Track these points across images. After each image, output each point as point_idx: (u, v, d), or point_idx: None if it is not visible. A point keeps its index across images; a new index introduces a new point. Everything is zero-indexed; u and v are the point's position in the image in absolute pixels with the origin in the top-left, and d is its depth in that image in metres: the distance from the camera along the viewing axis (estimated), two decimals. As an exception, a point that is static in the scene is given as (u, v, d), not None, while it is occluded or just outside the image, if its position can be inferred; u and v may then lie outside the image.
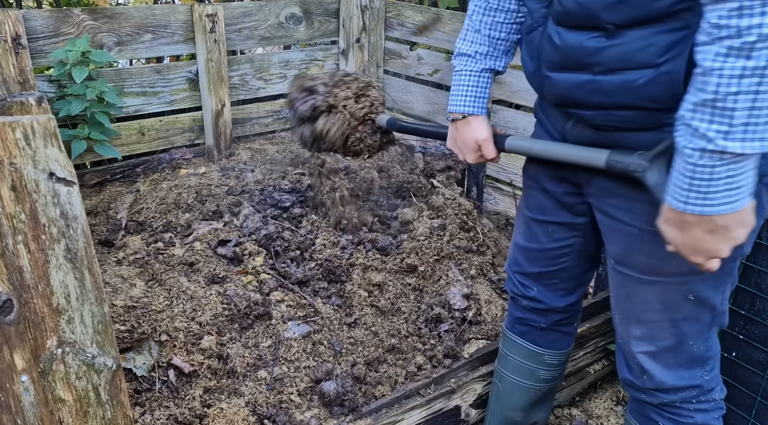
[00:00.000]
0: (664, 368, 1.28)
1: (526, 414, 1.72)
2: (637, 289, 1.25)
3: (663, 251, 1.15)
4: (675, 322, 1.23)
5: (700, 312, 1.22)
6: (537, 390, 1.67)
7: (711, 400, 1.32)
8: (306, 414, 1.65)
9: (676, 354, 1.27)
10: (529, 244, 1.51)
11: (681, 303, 1.21)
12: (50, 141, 0.85)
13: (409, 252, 2.18)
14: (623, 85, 1.08)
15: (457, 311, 2.03)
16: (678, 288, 1.20)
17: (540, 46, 1.22)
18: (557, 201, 1.42)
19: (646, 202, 1.16)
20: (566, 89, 1.18)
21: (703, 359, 1.28)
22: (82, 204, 0.92)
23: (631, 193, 1.19)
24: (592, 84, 1.12)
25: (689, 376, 1.29)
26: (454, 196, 2.55)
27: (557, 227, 1.45)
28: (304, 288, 2.04)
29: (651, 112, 1.09)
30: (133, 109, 2.63)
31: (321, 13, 3.04)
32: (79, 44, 2.29)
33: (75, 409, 1.01)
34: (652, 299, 1.23)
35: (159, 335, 1.69)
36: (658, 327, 1.25)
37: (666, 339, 1.26)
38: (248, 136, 3.01)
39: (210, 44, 2.66)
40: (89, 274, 0.95)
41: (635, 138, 1.15)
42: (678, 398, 1.31)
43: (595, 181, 1.27)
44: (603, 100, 1.12)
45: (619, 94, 1.09)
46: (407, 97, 3.11)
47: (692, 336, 1.25)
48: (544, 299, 1.54)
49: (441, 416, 1.78)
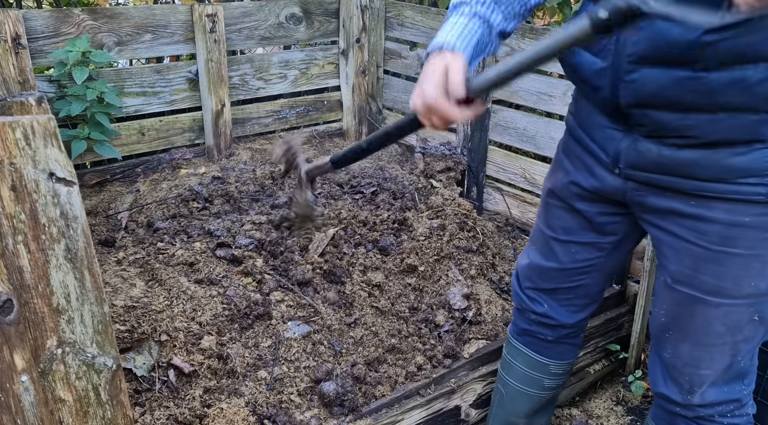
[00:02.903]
0: (712, 386, 1.26)
1: (529, 420, 1.71)
2: (699, 310, 1.20)
3: (733, 272, 1.11)
4: (736, 344, 1.20)
5: (758, 331, 1.20)
6: (541, 397, 1.66)
7: (744, 414, 1.30)
8: (306, 414, 1.65)
9: (728, 372, 1.25)
10: (548, 263, 1.45)
11: (745, 324, 1.18)
12: (50, 141, 0.85)
13: (409, 253, 2.18)
14: (735, 82, 0.97)
15: (457, 311, 2.03)
16: (745, 310, 1.16)
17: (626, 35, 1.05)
18: (587, 221, 1.35)
19: (717, 221, 1.11)
20: (657, 88, 1.04)
21: (745, 374, 1.27)
22: (82, 204, 0.92)
23: (701, 211, 1.12)
24: (693, 81, 1.00)
25: (730, 390, 1.27)
26: (454, 197, 2.55)
27: (581, 247, 1.39)
28: (304, 288, 2.04)
29: (754, 117, 1.00)
30: (133, 109, 2.63)
31: (321, 13, 3.04)
32: (79, 44, 2.29)
33: (75, 409, 1.01)
34: (717, 321, 1.19)
35: (159, 335, 1.69)
36: (719, 349, 1.22)
37: (724, 361, 1.23)
38: (248, 136, 3.01)
39: (210, 44, 2.66)
40: (89, 274, 0.95)
41: (718, 158, 1.05)
42: (715, 412, 1.28)
43: (651, 201, 1.19)
44: (704, 100, 1.00)
45: (728, 92, 0.98)
46: (407, 97, 3.11)
47: (744, 354, 1.23)
48: (554, 315, 1.50)
49: (441, 416, 1.78)
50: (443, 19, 1.44)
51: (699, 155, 1.07)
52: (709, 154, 1.06)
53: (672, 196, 1.15)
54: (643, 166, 1.16)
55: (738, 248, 1.11)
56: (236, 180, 2.58)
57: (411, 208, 2.50)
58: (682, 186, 1.12)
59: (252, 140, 3.00)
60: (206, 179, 2.59)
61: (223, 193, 2.48)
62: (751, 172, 1.05)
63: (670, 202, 1.16)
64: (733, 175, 1.06)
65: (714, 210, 1.10)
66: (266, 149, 2.93)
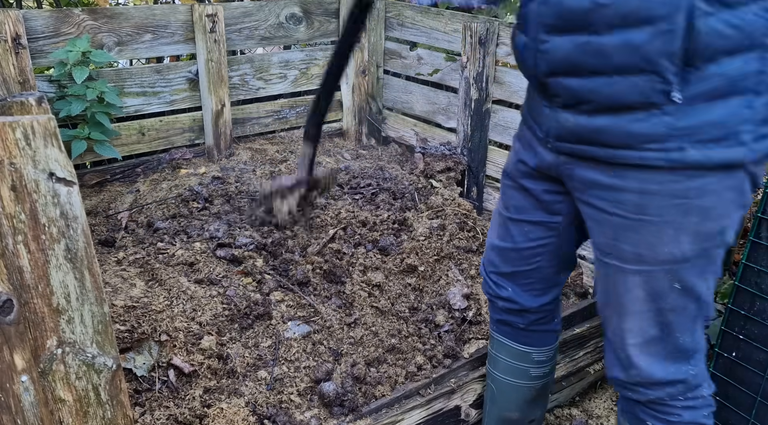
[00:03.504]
0: (652, 360, 1.28)
1: (523, 413, 1.72)
2: (621, 279, 1.25)
3: (648, 239, 1.16)
4: (661, 312, 1.23)
5: (686, 301, 1.22)
6: (530, 388, 1.68)
7: (699, 396, 1.31)
8: (306, 414, 1.65)
9: (664, 346, 1.26)
10: (504, 244, 1.51)
11: (667, 292, 1.21)
12: (50, 141, 0.85)
13: (409, 253, 2.18)
14: (624, 43, 1.04)
15: (457, 311, 2.03)
16: (664, 277, 1.20)
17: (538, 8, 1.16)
18: (535, 199, 1.41)
19: (630, 190, 1.16)
20: (564, 55, 1.13)
21: (689, 352, 1.27)
22: (82, 204, 0.92)
23: (616, 181, 1.18)
24: (590, 45, 1.08)
25: (675, 370, 1.28)
26: (454, 197, 2.56)
27: (533, 226, 1.45)
28: (304, 288, 2.04)
29: (645, 78, 1.06)
30: (133, 109, 2.63)
31: (321, 13, 3.04)
32: (79, 44, 2.29)
33: (75, 409, 1.01)
34: (639, 289, 1.23)
35: (159, 335, 1.69)
36: (645, 317, 1.25)
37: (653, 330, 1.25)
38: (248, 136, 3.01)
39: (210, 44, 2.66)
40: (89, 274, 0.95)
41: (623, 124, 1.11)
42: (665, 394, 1.30)
43: (577, 173, 1.26)
44: (600, 62, 1.08)
45: (619, 54, 1.06)
46: (407, 97, 3.11)
47: (679, 328, 1.24)
48: (518, 299, 1.54)
49: (441, 416, 1.78)
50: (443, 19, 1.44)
51: (607, 121, 1.13)
52: (615, 121, 1.12)
53: (593, 167, 1.20)
54: (564, 136, 1.22)
55: (650, 215, 1.15)
56: (236, 180, 2.59)
57: (411, 208, 2.50)
58: (598, 154, 1.17)
59: (252, 140, 3.00)
60: (206, 179, 2.59)
61: (223, 193, 2.48)
62: (651, 138, 1.10)
63: (592, 173, 1.21)
64: (637, 141, 1.11)
65: (627, 179, 1.15)
66: (266, 149, 2.93)
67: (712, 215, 1.13)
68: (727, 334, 1.79)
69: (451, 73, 2.82)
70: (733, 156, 1.08)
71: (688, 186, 1.11)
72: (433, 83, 3.00)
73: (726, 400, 1.81)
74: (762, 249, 1.67)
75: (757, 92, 1.05)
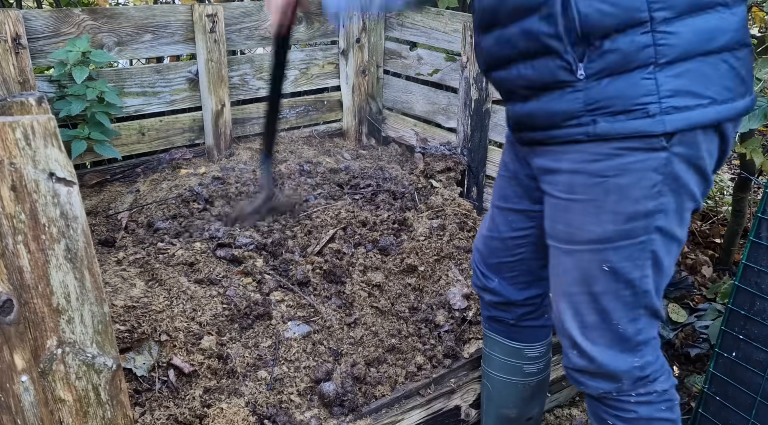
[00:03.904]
0: (593, 344, 1.27)
1: (520, 410, 1.72)
2: (560, 260, 1.28)
3: (576, 218, 1.19)
4: (594, 295, 1.24)
5: (617, 286, 1.22)
6: (525, 384, 1.68)
7: (652, 392, 1.30)
8: (306, 414, 1.65)
9: (602, 333, 1.26)
10: (490, 233, 1.54)
11: (597, 274, 1.22)
12: (50, 141, 0.85)
13: (409, 253, 2.18)
14: (523, 32, 1.13)
15: (457, 311, 2.03)
16: (592, 257, 1.21)
17: (474, 11, 1.28)
18: (520, 186, 1.44)
19: (563, 171, 1.20)
20: (488, 49, 1.23)
21: (632, 343, 1.27)
22: (82, 204, 0.92)
23: (554, 164, 1.22)
24: (501, 37, 1.18)
25: (622, 362, 1.27)
26: (454, 197, 2.56)
27: (516, 215, 1.48)
28: (304, 288, 2.04)
29: (549, 61, 1.13)
30: (133, 109, 2.63)
31: (321, 13, 3.03)
32: (79, 44, 2.29)
33: (75, 409, 1.01)
34: (572, 269, 1.25)
35: (159, 335, 1.69)
36: (580, 299, 1.26)
37: (589, 314, 1.26)
38: (248, 136, 3.01)
39: (210, 44, 2.66)
40: (89, 274, 0.95)
41: (544, 105, 1.17)
42: (612, 388, 1.30)
43: (535, 161, 1.29)
44: (510, 51, 1.17)
45: (521, 41, 1.14)
46: (407, 97, 3.11)
47: (616, 314, 1.24)
48: (503, 292, 1.56)
49: (441, 416, 1.78)
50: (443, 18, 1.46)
51: (534, 105, 1.20)
52: (539, 104, 1.18)
53: (540, 154, 1.25)
54: (514, 126, 1.30)
55: (577, 194, 1.19)
56: (236, 180, 2.58)
57: (411, 208, 2.50)
58: (536, 137, 1.24)
59: (252, 140, 3.00)
60: (206, 179, 2.59)
61: (223, 194, 2.48)
62: (569, 114, 1.14)
63: (540, 160, 1.26)
64: (560, 118, 1.16)
65: (562, 161, 1.20)
66: (266, 149, 2.93)
67: (631, 195, 1.15)
68: (727, 334, 1.79)
69: (451, 73, 2.82)
70: (639, 127, 1.10)
71: (608, 165, 1.14)
72: (433, 83, 3.00)
73: (726, 400, 1.81)
74: (762, 249, 1.67)
75: (656, 64, 1.08)
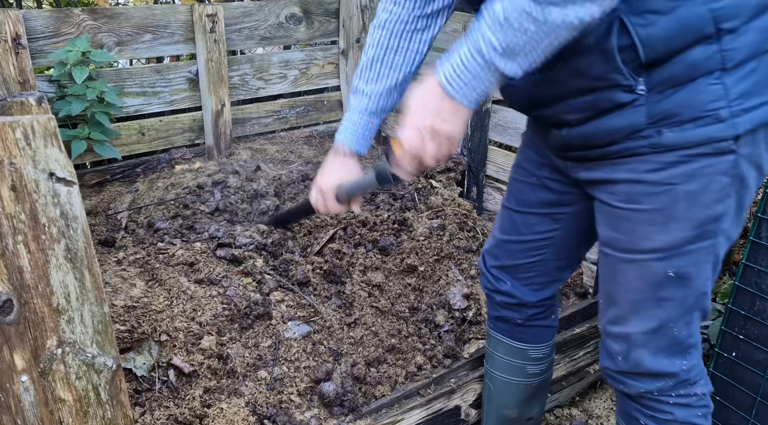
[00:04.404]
0: (646, 348, 1.27)
1: (521, 410, 1.72)
2: (620, 269, 1.26)
3: (640, 227, 1.17)
4: (657, 301, 1.23)
5: (681, 291, 1.21)
6: (527, 385, 1.68)
7: (692, 394, 1.29)
8: (306, 414, 1.65)
9: (658, 337, 1.25)
10: (507, 236, 1.53)
11: (662, 281, 1.21)
12: (50, 141, 0.85)
13: (409, 253, 2.18)
14: (572, 72, 1.12)
15: (457, 311, 2.03)
16: (657, 265, 1.20)
17: None
18: (546, 191, 1.43)
19: (622, 181, 1.19)
20: (530, 90, 1.23)
21: (683, 346, 1.26)
22: (82, 204, 0.92)
23: (610, 175, 1.21)
24: (546, 79, 1.16)
25: (668, 363, 1.27)
26: (454, 197, 2.55)
27: (539, 218, 1.46)
28: (304, 288, 2.04)
29: (605, 90, 1.12)
30: (133, 109, 2.63)
31: (321, 13, 3.04)
32: (79, 44, 2.29)
33: (75, 409, 1.01)
34: (634, 277, 1.24)
35: (159, 335, 1.69)
36: (642, 306, 1.25)
37: (649, 320, 1.25)
38: (248, 136, 3.01)
39: (210, 44, 2.66)
40: (89, 274, 0.95)
41: (603, 125, 1.17)
42: (654, 387, 1.29)
43: (582, 175, 1.29)
44: (560, 90, 1.16)
45: (571, 81, 1.13)
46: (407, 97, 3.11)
47: (674, 319, 1.24)
48: (517, 294, 1.55)
49: (441, 416, 1.78)
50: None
51: (588, 128, 1.18)
52: (596, 125, 1.17)
53: (592, 167, 1.25)
54: (561, 147, 1.29)
55: (641, 204, 1.18)
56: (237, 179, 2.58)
57: (411, 208, 2.50)
58: (592, 155, 1.23)
59: (252, 140, 3.00)
60: (205, 178, 2.59)
61: (223, 193, 2.48)
62: (632, 129, 1.13)
63: (591, 173, 1.26)
64: (621, 135, 1.15)
65: (619, 171, 1.19)
66: (266, 149, 2.93)
67: (701, 201, 1.13)
68: (727, 334, 1.79)
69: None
70: (710, 133, 1.08)
71: (674, 172, 1.13)
72: (433, 83, 2.99)
73: (726, 400, 1.81)
74: (762, 249, 1.67)
75: (723, 69, 1.06)
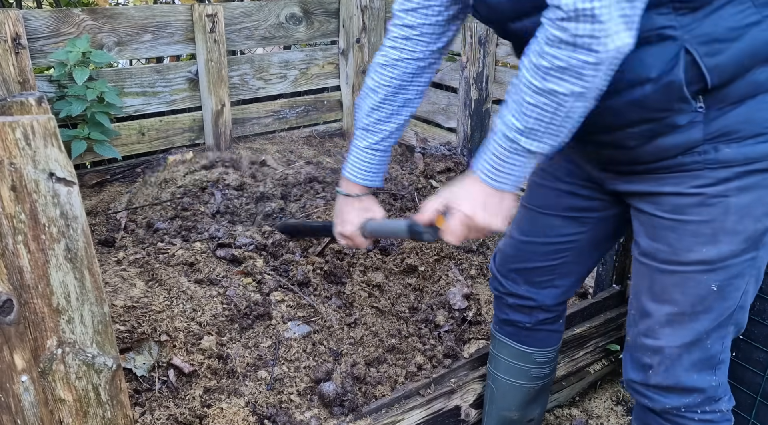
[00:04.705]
0: (677, 365, 1.24)
1: (522, 413, 1.72)
2: (657, 279, 1.22)
3: (685, 239, 1.15)
4: (696, 315, 1.19)
5: (721, 304, 1.18)
6: (530, 388, 1.67)
7: (717, 410, 1.27)
8: (306, 414, 1.65)
9: (692, 351, 1.22)
10: (527, 237, 1.50)
11: (704, 294, 1.18)
12: (50, 141, 0.85)
13: (409, 253, 2.18)
14: (630, 102, 1.10)
15: (457, 311, 2.03)
16: (700, 278, 1.17)
17: None
18: (576, 198, 1.41)
19: (668, 193, 1.16)
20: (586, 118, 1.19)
21: (714, 361, 1.24)
22: (82, 204, 0.92)
23: (652, 188, 1.19)
24: (603, 109, 1.12)
25: (698, 378, 1.24)
26: (454, 196, 2.55)
27: (564, 221, 1.44)
28: (304, 288, 2.04)
29: (664, 117, 1.10)
30: (133, 109, 2.63)
31: (321, 13, 3.04)
32: (79, 44, 2.29)
33: (75, 409, 1.01)
34: (673, 289, 1.20)
35: (159, 335, 1.69)
36: (677, 319, 1.21)
37: (684, 334, 1.21)
38: (248, 136, 3.01)
39: (210, 44, 2.66)
40: (89, 274, 0.95)
41: (657, 143, 1.15)
42: (681, 404, 1.26)
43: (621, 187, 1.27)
44: (618, 120, 1.13)
45: (630, 110, 1.11)
46: (407, 97, 3.11)
47: (709, 332, 1.21)
48: (534, 296, 1.53)
49: (441, 416, 1.78)
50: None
51: (646, 148, 1.16)
52: (651, 144, 1.15)
53: (634, 180, 1.23)
54: (605, 163, 1.28)
55: (688, 215, 1.16)
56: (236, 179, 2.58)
57: (411, 208, 2.50)
58: (638, 169, 1.21)
59: (252, 140, 3.00)
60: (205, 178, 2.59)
61: (222, 193, 2.48)
62: (687, 146, 1.12)
63: (633, 186, 1.24)
64: (675, 152, 1.13)
65: (665, 185, 1.17)
66: (266, 149, 2.93)
67: (753, 213, 1.11)
68: (727, 334, 1.79)
69: (451, 73, 2.82)
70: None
71: (727, 186, 1.10)
72: (433, 83, 2.99)
73: (726, 400, 1.81)
74: (762, 249, 1.66)
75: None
